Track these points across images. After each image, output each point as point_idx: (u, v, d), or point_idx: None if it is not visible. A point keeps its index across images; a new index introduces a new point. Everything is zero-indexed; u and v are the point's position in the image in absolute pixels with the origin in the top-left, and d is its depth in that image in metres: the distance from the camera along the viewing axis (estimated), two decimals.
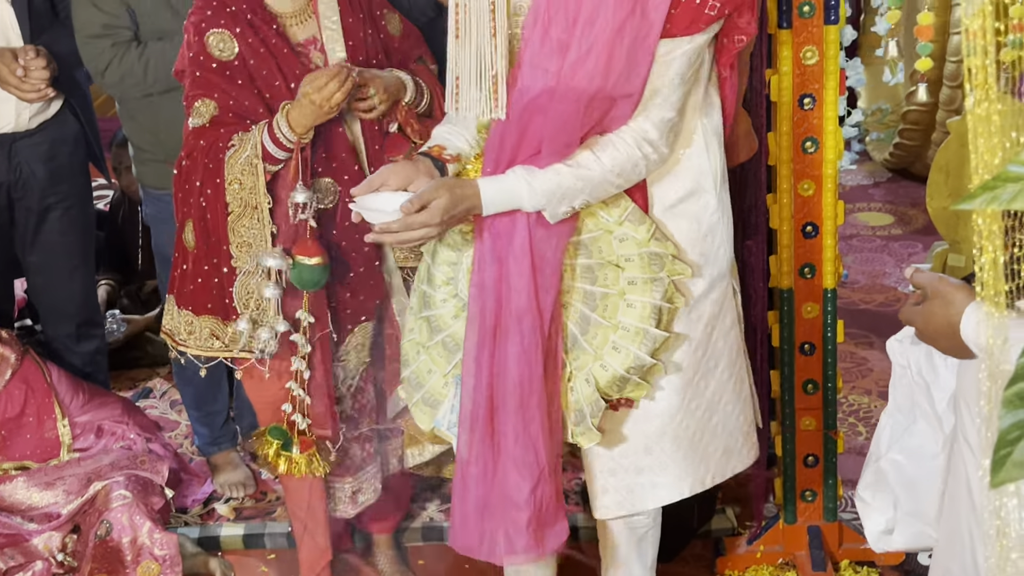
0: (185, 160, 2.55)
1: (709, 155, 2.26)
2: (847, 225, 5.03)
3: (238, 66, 2.52)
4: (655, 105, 2.14)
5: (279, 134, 2.44)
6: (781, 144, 2.66)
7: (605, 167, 2.14)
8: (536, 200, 2.14)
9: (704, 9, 2.08)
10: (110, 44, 3.00)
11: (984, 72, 0.96)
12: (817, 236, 2.72)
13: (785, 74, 2.60)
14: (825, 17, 2.57)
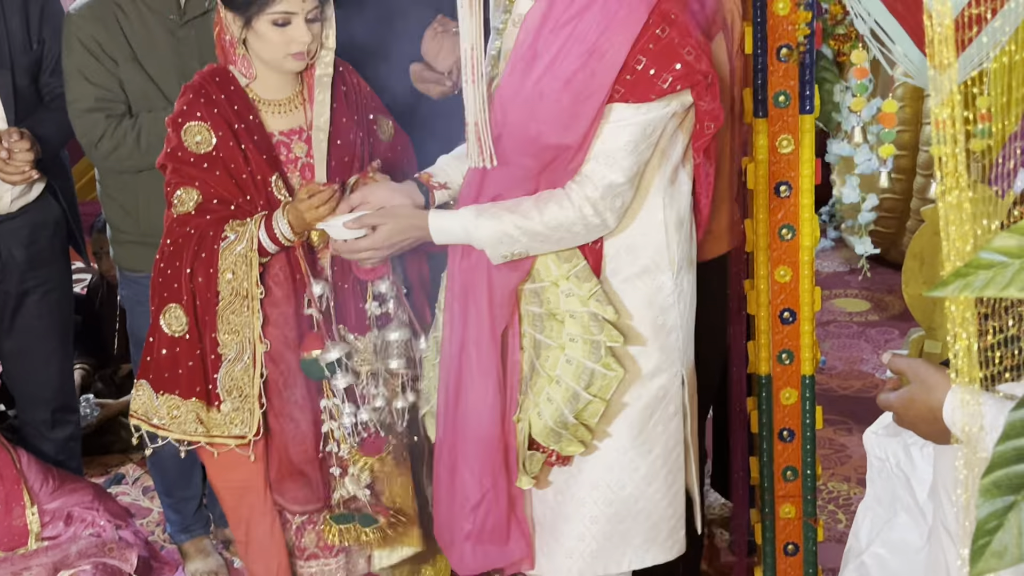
0: (170, 246, 2.56)
1: (668, 238, 2.28)
2: (824, 311, 5.06)
3: (215, 157, 2.54)
4: (603, 166, 2.17)
5: (278, 232, 2.48)
6: (758, 231, 2.68)
7: (544, 220, 2.19)
8: (478, 242, 2.23)
9: (657, 81, 2.12)
10: (104, 116, 3.03)
11: (954, 160, 0.97)
12: (795, 322, 2.72)
13: (761, 162, 2.62)
14: (800, 107, 2.59)
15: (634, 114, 2.14)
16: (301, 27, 2.49)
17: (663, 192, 2.25)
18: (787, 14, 2.52)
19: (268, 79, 2.61)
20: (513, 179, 2.25)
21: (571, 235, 2.21)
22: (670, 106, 2.16)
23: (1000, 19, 1.56)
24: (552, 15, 2.17)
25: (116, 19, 3.04)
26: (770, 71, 2.56)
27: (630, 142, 2.15)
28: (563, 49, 2.15)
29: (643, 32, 2.10)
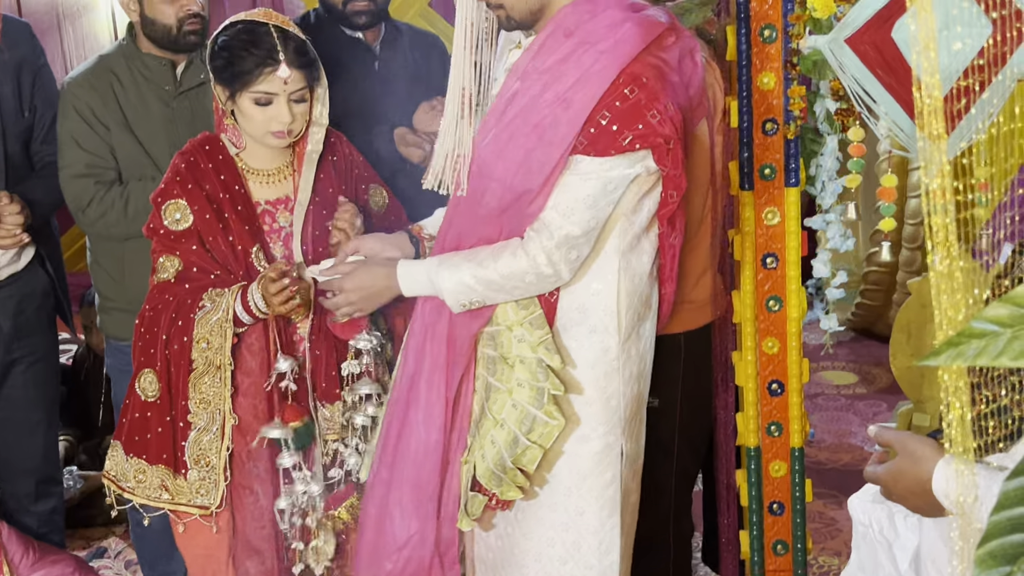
0: (149, 312, 2.58)
1: (619, 303, 2.29)
2: (812, 384, 5.05)
3: (193, 232, 2.57)
4: (561, 216, 2.19)
5: (252, 304, 2.50)
6: (745, 302, 2.68)
7: (498, 269, 2.22)
8: (440, 291, 2.27)
9: (618, 137, 2.14)
10: (93, 182, 3.05)
11: (945, 230, 0.98)
12: (783, 394, 2.71)
13: (748, 234, 2.64)
14: (785, 180, 2.62)
15: (597, 168, 2.17)
16: (283, 107, 2.51)
17: (620, 256, 2.27)
18: (773, 88, 2.55)
19: (257, 150, 2.63)
20: (476, 218, 2.29)
21: (524, 284, 2.24)
22: (633, 168, 2.19)
23: (989, 92, 1.58)
24: (534, 63, 2.23)
25: (112, 88, 3.09)
26: (756, 144, 2.59)
27: (590, 196, 2.18)
28: (537, 96, 2.19)
29: (611, 89, 2.14)
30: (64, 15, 6.16)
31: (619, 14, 2.20)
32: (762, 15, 2.54)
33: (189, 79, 3.11)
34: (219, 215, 2.57)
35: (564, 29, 2.20)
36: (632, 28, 2.17)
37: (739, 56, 2.57)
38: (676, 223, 2.31)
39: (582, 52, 2.17)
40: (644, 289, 2.32)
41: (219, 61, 2.53)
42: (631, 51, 2.15)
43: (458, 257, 2.28)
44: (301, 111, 2.55)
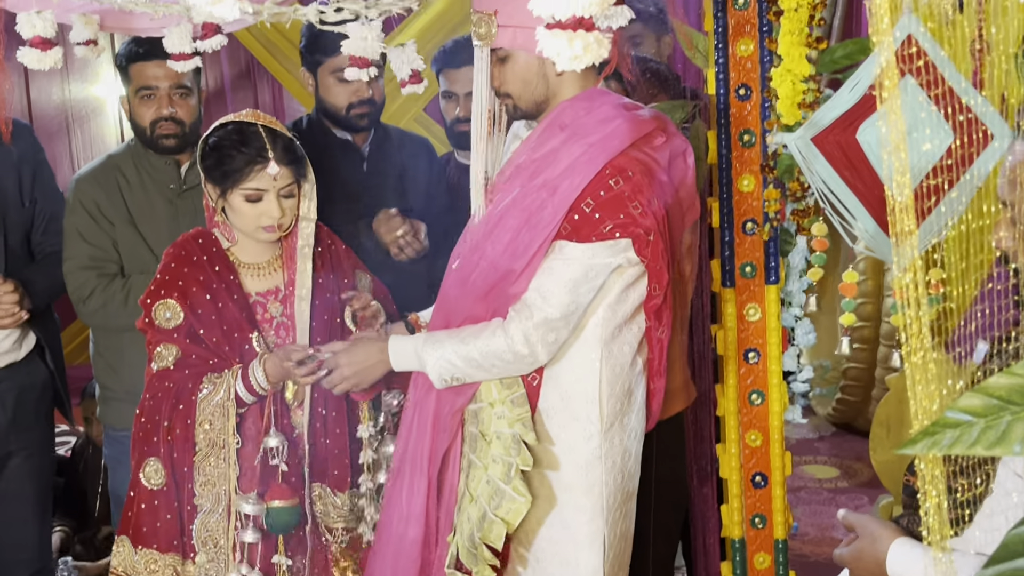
0: (149, 400, 2.56)
1: (600, 392, 2.28)
2: (795, 477, 5.01)
3: (184, 327, 2.57)
4: (541, 298, 2.20)
5: (253, 382, 2.49)
6: (728, 396, 2.68)
7: (478, 346, 2.23)
8: (425, 366, 2.28)
9: (600, 225, 2.16)
10: (95, 275, 3.06)
11: (918, 323, 0.98)
12: (766, 486, 2.69)
13: (730, 329, 2.65)
14: (766, 277, 2.64)
15: (580, 254, 2.18)
16: (273, 203, 2.53)
17: (602, 346, 2.26)
18: (752, 190, 2.58)
19: (247, 244, 2.65)
20: (464, 296, 2.31)
21: (503, 363, 2.24)
22: (616, 258, 2.20)
23: (957, 190, 1.60)
24: (530, 153, 2.28)
25: (118, 185, 3.12)
26: (736, 244, 2.61)
27: (571, 280, 2.19)
28: (528, 182, 2.23)
29: (597, 179, 2.16)
30: (73, 118, 6.25)
31: (611, 111, 2.24)
32: (742, 120, 2.59)
33: (193, 178, 3.14)
34: (213, 305, 2.57)
35: (560, 123, 2.25)
36: (622, 124, 2.21)
37: (720, 159, 2.61)
38: (663, 317, 2.30)
39: (572, 143, 2.21)
40: (627, 380, 2.31)
41: (210, 160, 2.55)
42: (619, 145, 2.19)
43: (443, 334, 2.30)
44: (290, 206, 2.58)
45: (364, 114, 3.15)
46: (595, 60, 1.39)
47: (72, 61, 5.95)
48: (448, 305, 2.37)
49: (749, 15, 2.56)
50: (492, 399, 2.29)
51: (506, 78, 2.26)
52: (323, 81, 3.15)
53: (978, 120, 1.70)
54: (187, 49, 2.43)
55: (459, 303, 2.33)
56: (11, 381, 3.24)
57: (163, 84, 3.04)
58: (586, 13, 1.32)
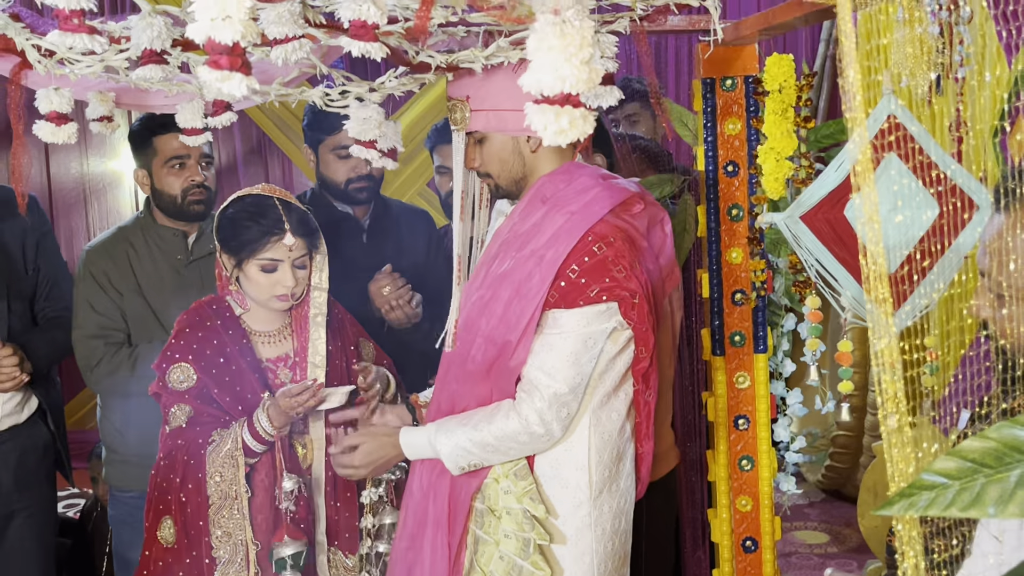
0: (164, 460, 2.54)
1: (590, 459, 2.25)
2: (785, 543, 4.96)
3: (197, 389, 2.57)
4: (547, 376, 2.18)
5: (259, 427, 2.48)
6: (719, 462, 2.67)
7: (492, 431, 2.20)
8: (440, 455, 2.25)
9: (586, 290, 2.16)
10: (103, 344, 3.06)
11: (893, 387, 0.98)
12: (757, 551, 2.67)
13: (720, 396, 2.64)
14: (754, 346, 2.64)
15: (575, 325, 2.17)
16: (287, 272, 2.55)
17: (591, 412, 2.24)
18: (740, 262, 2.60)
19: (259, 312, 2.66)
20: (466, 376, 2.29)
21: (519, 445, 2.21)
22: (609, 322, 2.19)
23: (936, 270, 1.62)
24: (515, 228, 2.28)
25: (127, 256, 3.13)
26: (726, 313, 2.62)
27: (571, 353, 2.18)
28: (515, 255, 2.23)
29: (580, 246, 2.17)
30: (90, 191, 6.30)
31: (590, 181, 2.26)
32: (730, 195, 2.61)
33: (200, 249, 3.16)
34: (227, 368, 2.58)
35: (541, 196, 2.27)
36: (601, 193, 2.23)
37: (709, 232, 2.63)
38: (650, 380, 2.29)
39: (554, 213, 2.22)
40: (616, 446, 2.28)
41: (227, 232, 2.58)
42: (599, 212, 2.20)
43: (455, 422, 2.27)
44: (303, 276, 2.60)
45: (362, 188, 3.19)
46: (580, 136, 1.40)
47: (90, 137, 6.02)
48: (450, 387, 2.34)
49: (736, 96, 2.60)
50: (496, 474, 2.26)
51: (484, 159, 2.30)
52: (323, 157, 3.21)
53: (962, 191, 1.72)
54: (199, 124, 2.46)
55: (462, 384, 2.31)
56: (14, 442, 3.23)
57: (194, 153, 3.09)
58: (573, 90, 1.34)
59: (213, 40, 1.24)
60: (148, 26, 1.71)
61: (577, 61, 1.33)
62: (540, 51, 1.35)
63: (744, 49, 2.57)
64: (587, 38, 1.33)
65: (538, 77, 1.35)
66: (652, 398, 2.30)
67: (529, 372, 2.20)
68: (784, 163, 2.30)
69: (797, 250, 1.75)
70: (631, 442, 2.32)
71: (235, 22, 1.23)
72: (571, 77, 1.33)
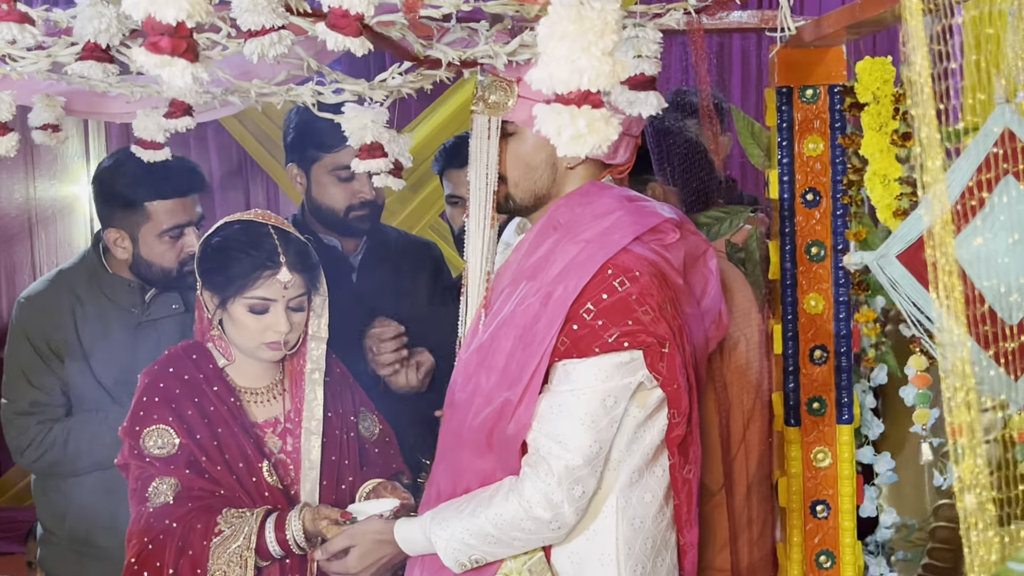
0: (149, 544, 2.50)
1: (619, 551, 2.21)
2: None
3: (181, 456, 2.55)
4: (556, 444, 2.13)
5: (290, 535, 2.48)
6: (792, 557, 2.66)
7: (490, 518, 2.17)
8: (439, 551, 2.23)
9: (604, 333, 2.11)
10: (35, 422, 3.08)
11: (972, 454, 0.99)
12: None
13: (795, 476, 2.64)
14: (837, 415, 2.63)
15: (591, 379, 2.12)
16: (280, 315, 2.54)
17: (618, 494, 2.21)
18: (821, 312, 2.60)
19: (245, 365, 2.66)
20: (464, 447, 2.26)
21: (524, 534, 2.17)
22: (634, 376, 2.14)
23: None
24: (521, 263, 2.28)
25: (71, 310, 3.11)
26: (803, 375, 2.62)
27: (587, 415, 2.12)
28: (522, 295, 2.21)
29: (597, 281, 2.13)
30: (37, 220, 6.35)
31: (611, 203, 2.23)
32: (809, 230, 2.62)
33: (158, 309, 3.16)
34: (213, 431, 2.56)
35: (553, 222, 2.25)
36: (623, 217, 2.19)
37: (783, 275, 2.63)
38: (689, 453, 2.26)
39: (566, 242, 2.19)
40: (651, 535, 2.24)
41: (211, 263, 2.57)
42: (620, 240, 2.16)
43: (450, 509, 2.25)
44: (299, 321, 2.59)
45: (364, 216, 3.17)
46: (601, 143, 1.36)
47: (38, 155, 6.07)
48: (450, 462, 2.33)
49: (819, 109, 2.61)
50: (507, 569, 2.25)
51: (508, 158, 2.26)
52: (318, 179, 3.17)
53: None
54: (160, 138, 2.46)
55: (461, 455, 2.29)
56: None
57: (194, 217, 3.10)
58: (593, 87, 1.32)
59: (153, 18, 1.26)
60: (96, 15, 1.74)
61: (597, 51, 1.31)
62: (553, 39, 1.33)
63: (828, 51, 2.59)
64: (610, 24, 1.31)
65: (550, 71, 1.32)
66: (693, 474, 2.26)
67: (535, 440, 2.16)
68: (894, 186, 2.30)
69: (891, 294, 1.75)
70: (673, 531, 2.29)
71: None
72: (590, 70, 1.31)
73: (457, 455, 2.30)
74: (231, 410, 2.60)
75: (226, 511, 2.51)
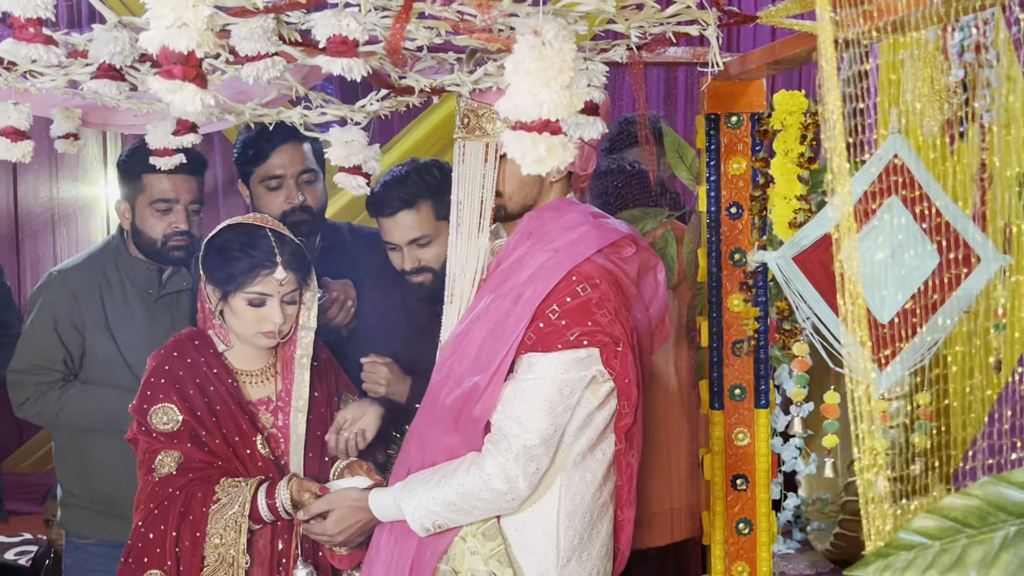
0: (154, 509, 2.50)
1: (558, 524, 2.21)
2: None
3: (184, 432, 2.55)
4: (517, 424, 2.14)
5: (279, 503, 2.47)
6: (715, 524, 2.65)
7: (454, 489, 2.16)
8: (407, 518, 2.21)
9: (566, 332, 2.13)
10: (33, 384, 3.07)
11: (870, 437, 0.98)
12: None
13: (718, 454, 2.63)
14: (755, 400, 2.63)
15: (552, 370, 2.13)
16: (275, 308, 2.54)
17: (561, 473, 2.20)
18: (741, 310, 2.60)
19: (243, 350, 2.66)
20: (434, 422, 2.26)
21: (481, 503, 2.17)
22: (589, 370, 2.15)
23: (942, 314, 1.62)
24: (498, 266, 2.27)
25: (99, 288, 3.11)
26: (726, 364, 2.62)
27: (546, 401, 2.13)
28: (496, 294, 2.21)
29: (562, 286, 2.14)
30: (59, 217, 6.31)
31: (579, 218, 2.25)
32: (733, 239, 2.62)
33: (174, 283, 3.15)
34: (212, 408, 2.56)
35: (527, 231, 2.26)
36: (589, 231, 2.22)
37: (710, 277, 2.63)
38: (634, 440, 2.26)
39: (537, 249, 2.20)
40: (589, 511, 2.24)
41: (214, 261, 2.57)
42: (585, 251, 2.18)
43: (419, 479, 2.24)
44: (291, 313, 2.59)
45: (301, 222, 3.03)
46: (559, 164, 1.40)
47: (60, 159, 6.04)
48: (419, 434, 2.32)
49: (742, 133, 2.62)
50: (464, 532, 2.23)
51: (505, 176, 2.26)
52: (255, 191, 3.08)
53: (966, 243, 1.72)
54: (171, 145, 2.47)
55: (430, 431, 2.28)
56: None
57: (182, 198, 3.05)
58: (552, 116, 1.35)
59: (167, 48, 1.25)
60: (112, 39, 1.73)
61: (556, 85, 1.34)
62: (517, 74, 1.36)
63: (751, 84, 2.59)
64: (567, 61, 1.34)
65: (515, 102, 1.36)
66: (635, 459, 2.26)
67: (498, 420, 2.16)
68: (793, 203, 2.31)
69: (787, 293, 1.76)
70: (609, 507, 2.29)
71: (191, 30, 1.24)
72: (549, 102, 1.34)
73: (428, 432, 2.29)
74: (228, 390, 2.60)
75: (223, 481, 2.51)
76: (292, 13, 1.67)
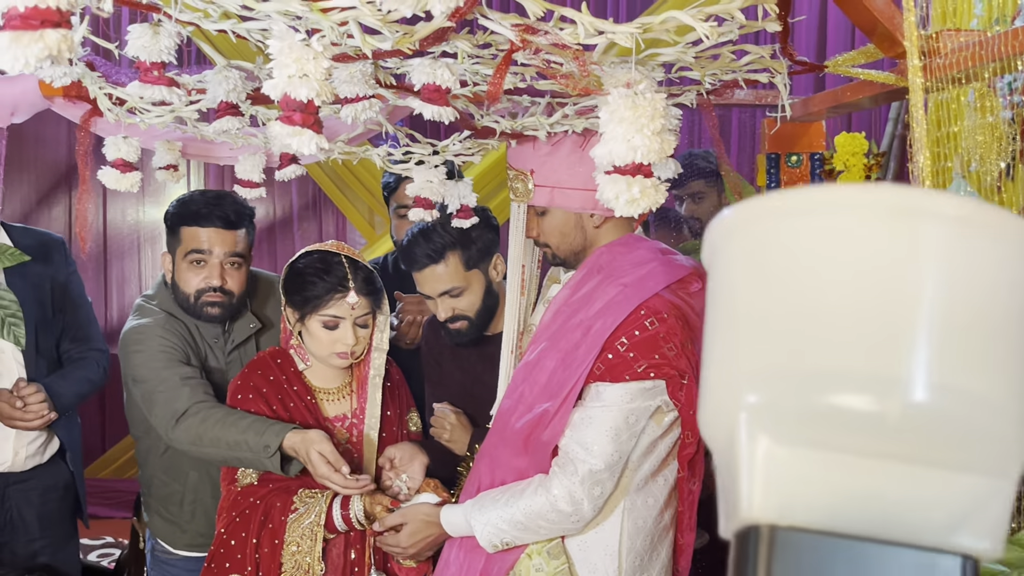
0: (236, 517, 2.54)
1: (620, 546, 2.20)
2: None
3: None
4: (583, 450, 2.14)
5: (353, 515, 2.50)
6: None
7: (522, 509, 2.17)
8: (476, 534, 2.23)
9: (634, 364, 2.13)
10: (189, 391, 2.71)
11: None
12: None
13: None
14: None
15: (618, 399, 2.13)
16: (348, 331, 2.57)
17: (625, 497, 2.20)
18: None
19: (320, 369, 2.69)
20: (504, 444, 2.27)
21: (547, 524, 2.17)
22: (654, 400, 2.15)
23: None
24: (568, 299, 2.28)
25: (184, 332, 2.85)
26: None
27: (612, 428, 2.13)
28: (564, 324, 2.23)
29: (631, 319, 2.15)
30: (144, 239, 6.44)
31: (647, 255, 2.26)
32: None
33: (238, 334, 2.97)
34: (292, 423, 2.58)
35: (597, 266, 2.27)
36: (657, 267, 2.22)
37: None
38: (696, 468, 2.25)
39: (607, 284, 2.21)
40: (651, 534, 2.23)
41: (293, 284, 2.61)
42: (653, 287, 2.18)
43: (489, 498, 2.25)
44: (364, 335, 2.62)
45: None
46: (652, 205, 1.44)
47: (147, 185, 6.17)
48: (490, 454, 2.33)
49: (802, 173, 2.62)
50: (530, 549, 2.24)
51: (544, 230, 2.30)
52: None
53: None
54: (256, 178, 2.50)
55: (501, 453, 2.29)
56: (37, 481, 3.28)
57: (217, 251, 2.82)
58: (645, 160, 1.38)
59: (289, 96, 1.29)
60: (224, 79, 1.78)
61: (649, 132, 1.37)
62: (612, 122, 1.39)
63: (812, 126, 2.60)
64: (659, 110, 1.38)
65: (610, 148, 1.39)
66: (697, 486, 2.26)
67: (566, 445, 2.17)
68: None
69: None
70: (670, 531, 2.28)
71: (312, 81, 1.28)
72: (642, 147, 1.37)
73: (498, 453, 2.30)
74: (307, 406, 2.64)
75: (301, 491, 2.54)
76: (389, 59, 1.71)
